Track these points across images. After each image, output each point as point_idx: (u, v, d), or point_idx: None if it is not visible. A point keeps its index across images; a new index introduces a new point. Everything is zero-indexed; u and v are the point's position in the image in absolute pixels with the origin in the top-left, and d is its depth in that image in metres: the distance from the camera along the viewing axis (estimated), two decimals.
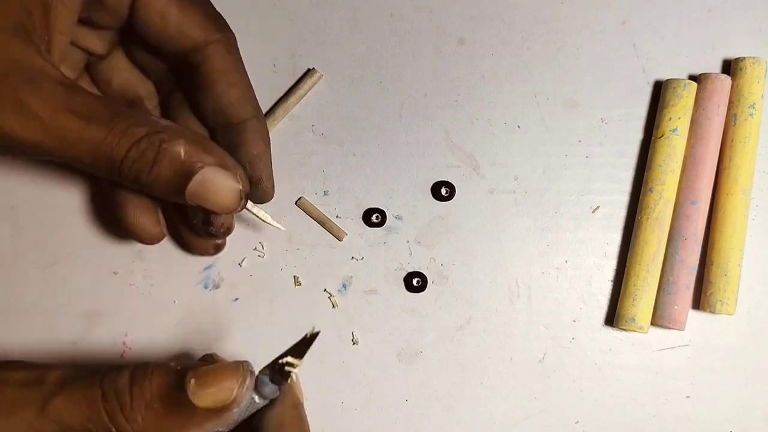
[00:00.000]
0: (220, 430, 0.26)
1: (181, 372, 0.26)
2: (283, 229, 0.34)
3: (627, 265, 0.38)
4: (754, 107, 0.37)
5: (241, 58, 0.33)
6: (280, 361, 0.27)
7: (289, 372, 0.27)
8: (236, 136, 0.33)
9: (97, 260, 0.38)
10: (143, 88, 0.35)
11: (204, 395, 0.25)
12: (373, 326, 0.38)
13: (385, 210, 0.39)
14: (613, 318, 0.38)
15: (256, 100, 0.34)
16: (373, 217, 0.39)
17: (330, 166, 0.39)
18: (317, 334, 0.28)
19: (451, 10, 0.40)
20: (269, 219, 0.34)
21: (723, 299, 0.37)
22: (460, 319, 0.38)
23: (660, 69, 0.39)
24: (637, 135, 0.39)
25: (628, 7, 0.40)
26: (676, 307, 0.37)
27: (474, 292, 0.39)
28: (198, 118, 0.34)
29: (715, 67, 0.39)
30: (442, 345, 0.38)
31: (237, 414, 0.26)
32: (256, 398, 0.27)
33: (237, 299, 0.39)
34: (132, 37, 0.33)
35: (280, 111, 0.39)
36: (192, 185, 0.28)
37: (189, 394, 0.25)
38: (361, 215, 0.39)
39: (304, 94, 0.39)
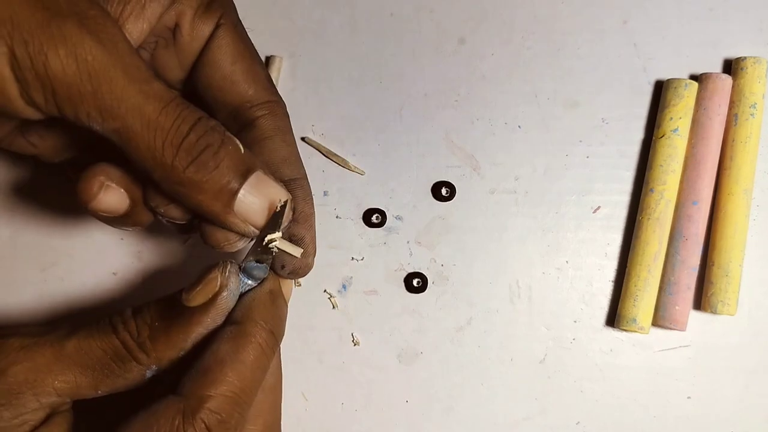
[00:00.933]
0: (221, 318, 0.28)
1: (173, 295, 0.28)
2: (297, 255, 0.31)
3: (628, 265, 0.38)
4: (755, 107, 0.37)
5: (290, 123, 0.32)
6: (262, 239, 0.29)
7: (271, 247, 0.28)
8: None
9: (97, 260, 0.38)
10: None
11: (194, 295, 0.27)
12: (374, 327, 0.38)
13: (385, 210, 0.39)
14: (614, 318, 0.38)
15: (303, 165, 0.33)
16: (373, 218, 0.39)
17: (330, 166, 0.39)
18: (286, 202, 0.28)
19: (451, 10, 0.40)
20: (288, 247, 0.31)
21: (724, 300, 0.37)
22: (460, 319, 0.38)
23: (661, 69, 0.39)
24: (638, 135, 0.39)
25: (628, 6, 0.39)
26: (677, 307, 0.37)
27: (474, 293, 0.38)
28: None
29: (716, 67, 0.39)
30: (443, 345, 0.38)
31: (229, 299, 0.28)
32: (248, 281, 0.29)
33: None
34: (190, 86, 0.32)
35: None
36: (246, 188, 0.26)
37: (183, 301, 0.27)
38: (361, 215, 0.39)
39: (277, 82, 0.39)
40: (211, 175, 0.26)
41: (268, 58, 0.39)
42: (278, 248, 0.29)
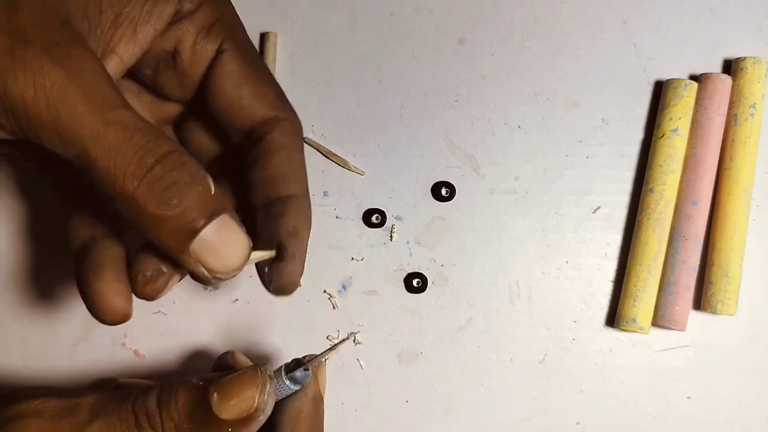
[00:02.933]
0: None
1: (203, 387, 0.26)
2: (269, 257, 0.31)
3: (628, 265, 0.38)
4: (754, 107, 0.37)
5: (302, 143, 0.32)
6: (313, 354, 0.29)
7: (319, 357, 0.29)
8: (281, 207, 0.30)
9: None
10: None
11: (227, 408, 0.26)
12: (374, 327, 0.38)
13: (385, 210, 0.39)
14: (613, 319, 0.38)
15: (308, 184, 0.32)
16: (373, 218, 0.39)
17: (330, 166, 0.39)
18: (347, 338, 0.30)
19: (451, 10, 0.40)
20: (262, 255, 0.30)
21: (724, 300, 0.37)
22: (460, 319, 0.38)
23: (661, 69, 0.39)
24: (638, 135, 0.39)
25: (628, 6, 0.39)
26: (677, 307, 0.37)
27: (474, 293, 0.38)
28: (246, 192, 0.31)
29: (716, 67, 0.39)
30: (443, 346, 0.38)
31: (265, 418, 0.27)
32: (289, 384, 0.28)
33: (237, 300, 0.38)
34: (195, 107, 0.31)
35: None
36: (208, 230, 0.25)
37: (214, 409, 0.25)
38: (361, 216, 0.39)
39: (275, 59, 0.39)
40: (173, 213, 0.25)
41: (262, 35, 0.39)
42: (253, 260, 0.28)
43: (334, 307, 0.38)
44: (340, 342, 0.29)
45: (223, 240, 0.26)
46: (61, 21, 0.24)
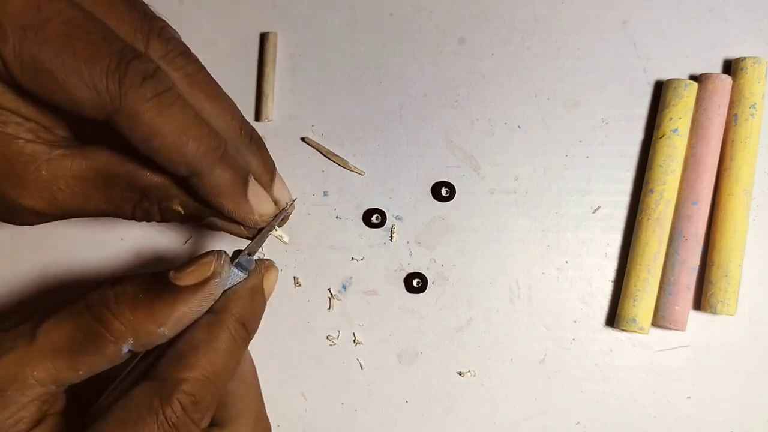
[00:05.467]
0: (207, 305, 0.29)
1: (158, 274, 0.28)
2: (286, 241, 0.34)
3: (628, 265, 0.38)
4: (754, 107, 0.37)
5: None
6: (259, 233, 0.31)
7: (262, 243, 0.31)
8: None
9: (97, 260, 0.38)
10: None
11: (185, 275, 0.28)
12: (374, 327, 0.38)
13: (385, 210, 0.39)
14: (613, 319, 0.38)
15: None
16: (373, 218, 0.39)
17: (330, 166, 0.39)
18: (293, 202, 0.32)
19: (451, 10, 0.40)
20: (278, 232, 0.33)
21: (724, 300, 0.37)
22: (460, 319, 0.38)
23: (661, 69, 0.39)
24: (638, 135, 0.39)
25: (628, 6, 0.39)
26: (677, 307, 0.37)
27: (474, 293, 0.38)
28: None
29: (716, 67, 0.39)
30: (443, 346, 0.38)
31: (219, 286, 0.28)
32: (237, 271, 0.30)
33: None
34: None
35: (267, 89, 0.39)
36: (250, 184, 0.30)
37: (171, 279, 0.27)
38: (361, 216, 0.39)
39: (275, 59, 0.39)
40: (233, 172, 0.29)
41: (262, 35, 0.39)
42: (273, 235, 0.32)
43: (333, 308, 0.38)
44: (278, 216, 0.32)
45: (256, 190, 0.30)
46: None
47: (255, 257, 0.31)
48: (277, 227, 0.33)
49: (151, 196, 0.30)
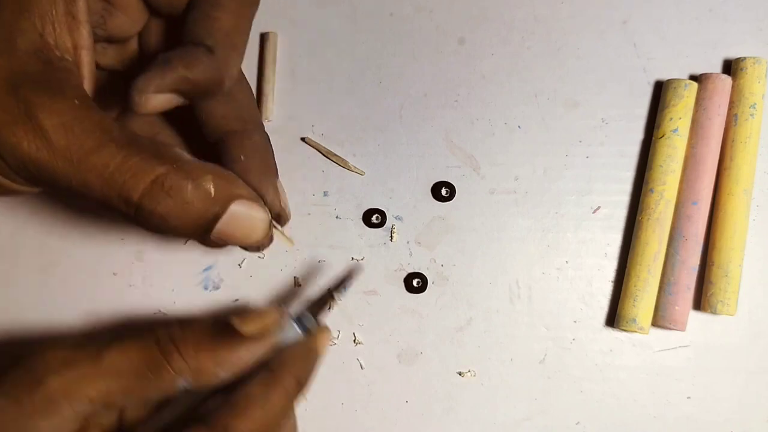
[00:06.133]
0: (264, 354, 0.30)
1: (222, 320, 0.29)
2: (292, 244, 0.35)
3: (628, 265, 0.38)
4: (754, 107, 0.37)
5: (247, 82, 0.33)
6: (325, 295, 0.33)
7: (325, 307, 0.33)
8: (229, 141, 0.32)
9: (97, 260, 0.38)
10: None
11: (249, 322, 0.29)
12: (374, 327, 0.38)
13: (385, 210, 0.39)
14: (613, 319, 0.38)
15: (256, 116, 0.33)
16: (373, 218, 0.39)
17: (330, 166, 0.39)
18: (355, 269, 0.33)
19: (451, 10, 0.40)
20: (284, 235, 0.34)
21: (724, 300, 0.37)
22: (460, 319, 0.38)
23: (661, 69, 0.39)
24: (638, 135, 0.39)
25: (628, 6, 0.39)
26: (676, 307, 0.37)
27: (474, 293, 0.38)
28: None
29: (716, 67, 0.39)
30: (443, 346, 0.38)
31: (279, 337, 0.30)
32: (297, 328, 0.31)
33: (237, 300, 0.38)
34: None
35: (267, 89, 0.39)
36: (220, 224, 0.27)
37: (235, 325, 0.28)
38: (361, 216, 0.39)
39: (275, 59, 0.39)
40: (180, 227, 0.27)
41: (262, 35, 0.39)
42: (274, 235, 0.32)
43: (332, 308, 0.38)
44: (344, 281, 0.34)
45: (238, 223, 0.28)
46: (44, 61, 0.26)
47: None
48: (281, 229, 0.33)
49: None
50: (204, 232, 0.27)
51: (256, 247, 0.30)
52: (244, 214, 0.28)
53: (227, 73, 0.29)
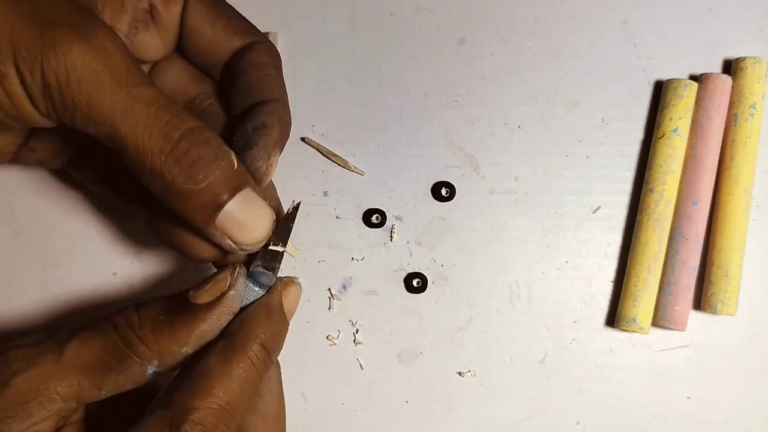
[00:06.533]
0: (225, 319, 0.28)
1: (179, 294, 0.28)
2: (296, 255, 0.33)
3: (628, 265, 0.38)
4: (754, 107, 0.37)
5: (279, 61, 0.32)
6: (269, 248, 0.29)
7: (279, 257, 0.29)
8: (253, 110, 0.30)
9: (97, 261, 0.38)
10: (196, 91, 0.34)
11: (202, 293, 0.27)
12: (374, 327, 0.38)
13: (385, 210, 0.39)
14: (613, 319, 0.38)
15: (285, 93, 0.32)
16: (373, 218, 0.39)
17: (330, 166, 0.39)
18: (297, 206, 0.30)
19: (451, 10, 0.40)
20: (288, 248, 0.31)
21: (724, 300, 0.37)
22: (460, 319, 0.38)
23: (661, 69, 0.39)
24: (638, 135, 0.39)
25: (628, 6, 0.39)
26: (677, 307, 0.37)
27: (474, 293, 0.38)
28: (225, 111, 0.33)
29: (716, 67, 0.39)
30: (443, 346, 0.38)
31: (236, 299, 0.28)
32: (254, 287, 0.29)
33: None
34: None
35: None
36: (232, 203, 0.26)
37: (190, 298, 0.27)
38: (361, 216, 0.39)
39: None
40: (199, 187, 0.26)
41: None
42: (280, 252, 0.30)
43: (332, 308, 0.38)
44: (285, 224, 0.30)
45: (246, 213, 0.27)
46: (79, 4, 0.26)
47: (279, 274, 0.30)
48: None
49: None
50: (215, 210, 0.26)
51: (254, 249, 0.29)
52: (256, 203, 0.27)
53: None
